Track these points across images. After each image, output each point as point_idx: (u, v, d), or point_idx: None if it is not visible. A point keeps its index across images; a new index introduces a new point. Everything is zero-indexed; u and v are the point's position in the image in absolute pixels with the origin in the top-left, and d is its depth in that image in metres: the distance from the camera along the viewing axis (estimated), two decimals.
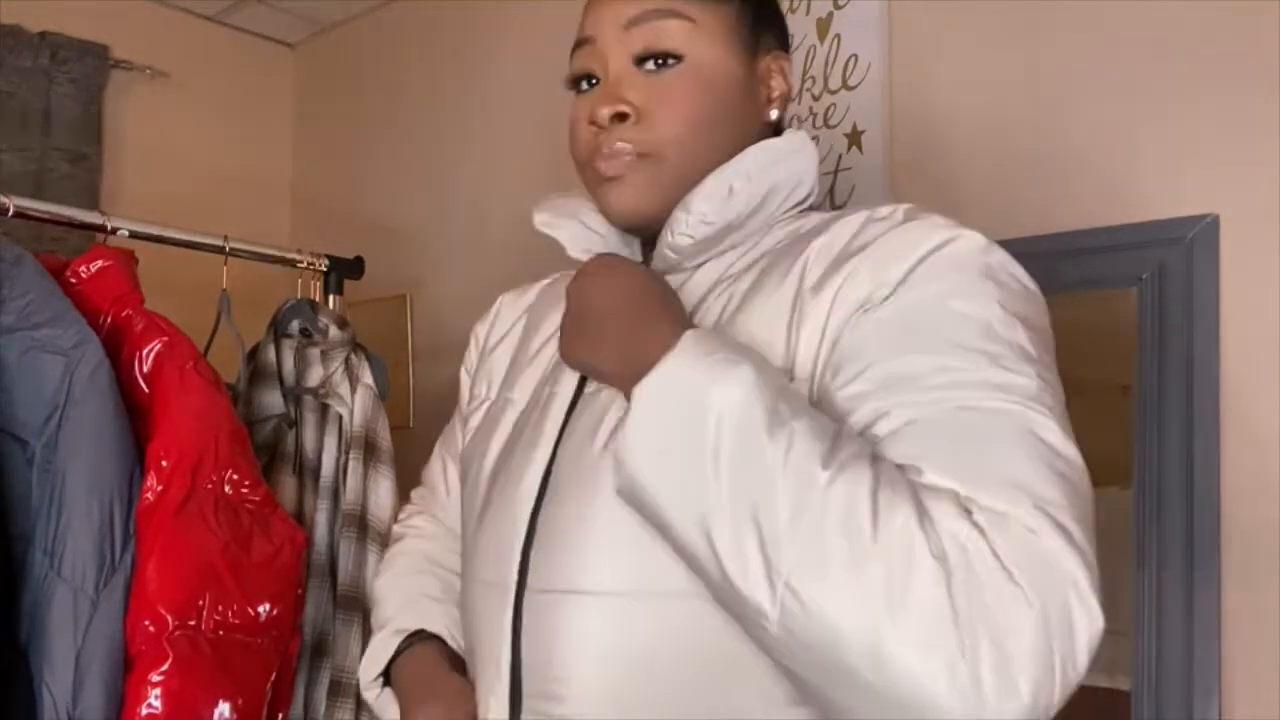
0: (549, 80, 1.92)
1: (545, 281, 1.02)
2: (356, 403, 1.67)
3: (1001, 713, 0.52)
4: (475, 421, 0.94)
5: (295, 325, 1.72)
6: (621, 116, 0.78)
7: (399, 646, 0.94)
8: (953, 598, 0.54)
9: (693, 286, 0.80)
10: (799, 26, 1.50)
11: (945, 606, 0.54)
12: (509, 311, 1.03)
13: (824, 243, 0.73)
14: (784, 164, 0.80)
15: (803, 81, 1.49)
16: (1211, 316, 1.13)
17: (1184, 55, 1.19)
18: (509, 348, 0.97)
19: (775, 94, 0.85)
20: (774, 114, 0.85)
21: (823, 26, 1.48)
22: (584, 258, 0.84)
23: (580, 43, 0.83)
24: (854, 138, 1.43)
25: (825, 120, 1.46)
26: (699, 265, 0.81)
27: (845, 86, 1.44)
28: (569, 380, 0.81)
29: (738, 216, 0.78)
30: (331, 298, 1.84)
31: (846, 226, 0.74)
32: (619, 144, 0.78)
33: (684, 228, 0.78)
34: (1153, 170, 1.20)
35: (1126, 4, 1.23)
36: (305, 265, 1.81)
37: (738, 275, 0.78)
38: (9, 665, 1.20)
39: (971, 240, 0.71)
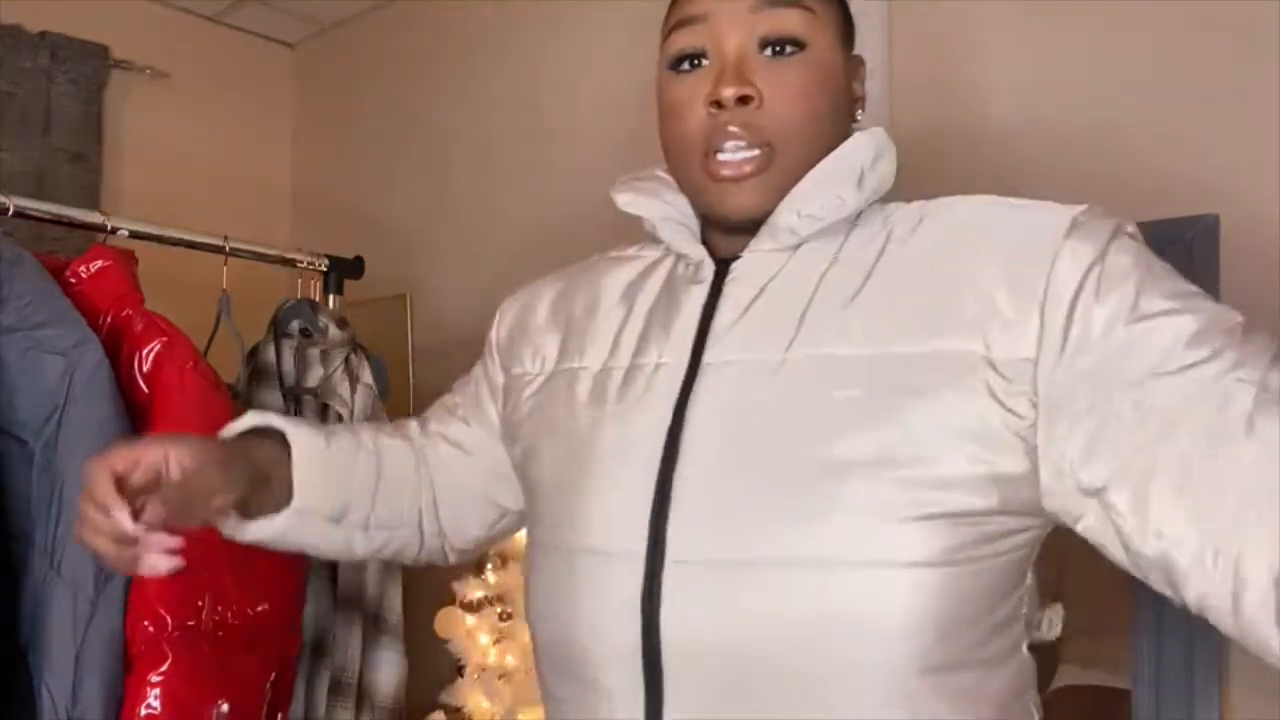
0: (549, 79, 1.93)
1: (569, 270, 0.98)
2: (356, 403, 1.67)
3: None
4: (530, 392, 0.90)
5: (295, 325, 1.72)
6: (746, 100, 0.75)
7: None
8: None
9: (795, 265, 0.78)
10: None
11: None
12: (532, 300, 0.98)
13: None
14: (881, 162, 0.79)
15: None
16: None
17: (1184, 55, 1.19)
18: (558, 324, 0.92)
19: (859, 95, 0.84)
20: (860, 115, 0.84)
21: None
22: (669, 239, 0.84)
23: (687, 20, 0.79)
24: None
25: None
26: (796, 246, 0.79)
27: None
28: (676, 350, 0.79)
29: (848, 215, 0.77)
30: (331, 298, 1.84)
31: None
32: (738, 130, 0.75)
33: (793, 221, 0.76)
34: (1153, 170, 1.20)
35: (1126, 4, 1.23)
36: (305, 265, 1.82)
37: (852, 256, 0.76)
38: (9, 665, 1.20)
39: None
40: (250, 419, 0.94)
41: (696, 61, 0.78)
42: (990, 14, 1.34)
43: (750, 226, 0.79)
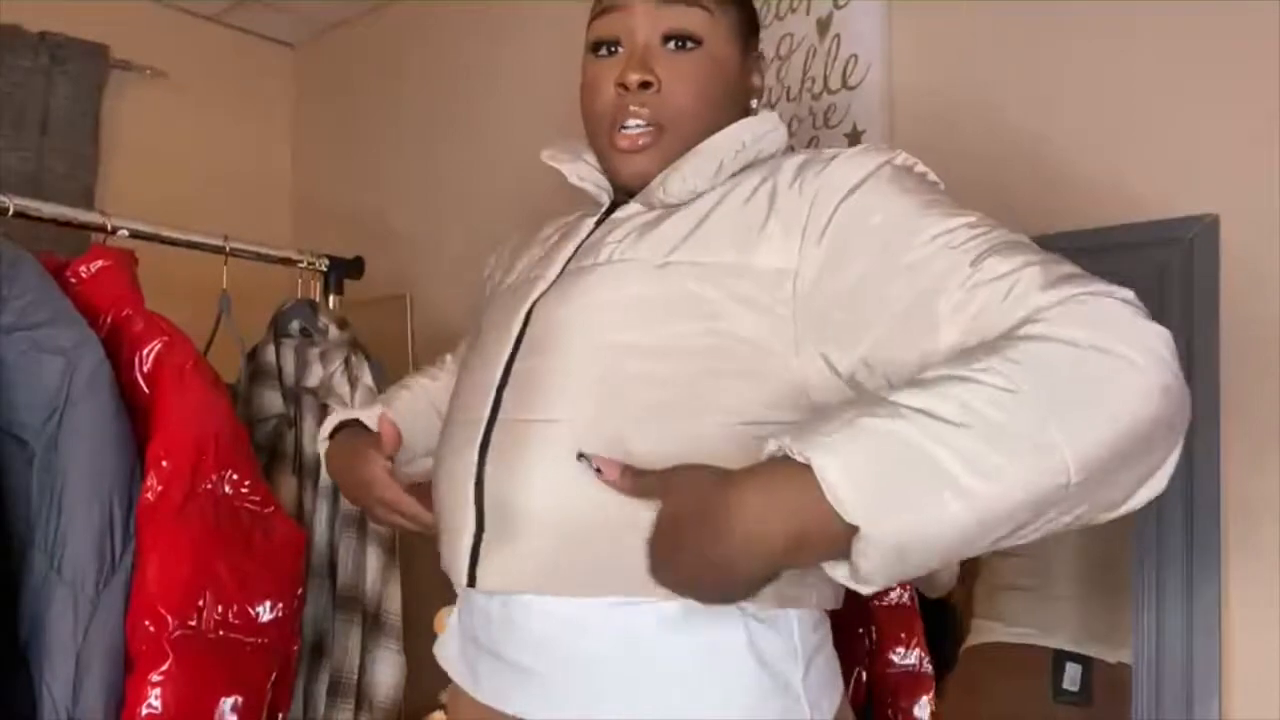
0: (548, 79, 1.93)
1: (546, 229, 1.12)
2: (356, 403, 1.67)
3: None
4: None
5: (295, 325, 1.73)
6: (646, 85, 0.89)
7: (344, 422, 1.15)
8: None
9: (647, 215, 0.92)
10: (799, 26, 1.50)
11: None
12: (503, 247, 1.17)
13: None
14: (763, 140, 0.92)
15: (803, 81, 1.49)
16: (1211, 316, 1.13)
17: (1184, 55, 1.19)
18: (504, 262, 1.11)
19: (757, 86, 0.99)
20: (754, 103, 0.98)
21: (823, 26, 1.47)
22: (578, 184, 1.01)
23: (608, 9, 0.94)
24: (854, 138, 1.42)
25: (825, 120, 1.46)
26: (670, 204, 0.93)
27: (845, 86, 1.44)
28: (554, 267, 0.94)
29: (717, 183, 0.90)
30: (331, 298, 1.84)
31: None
32: (639, 108, 0.90)
33: (675, 191, 0.89)
34: (1153, 170, 1.20)
35: (1127, 4, 1.23)
36: (305, 265, 1.82)
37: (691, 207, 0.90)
38: (9, 665, 1.20)
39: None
40: (340, 416, 1.18)
41: (612, 48, 0.93)
42: (989, 14, 1.34)
43: (644, 188, 0.93)
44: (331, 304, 1.83)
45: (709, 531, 0.68)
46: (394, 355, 1.98)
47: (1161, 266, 1.16)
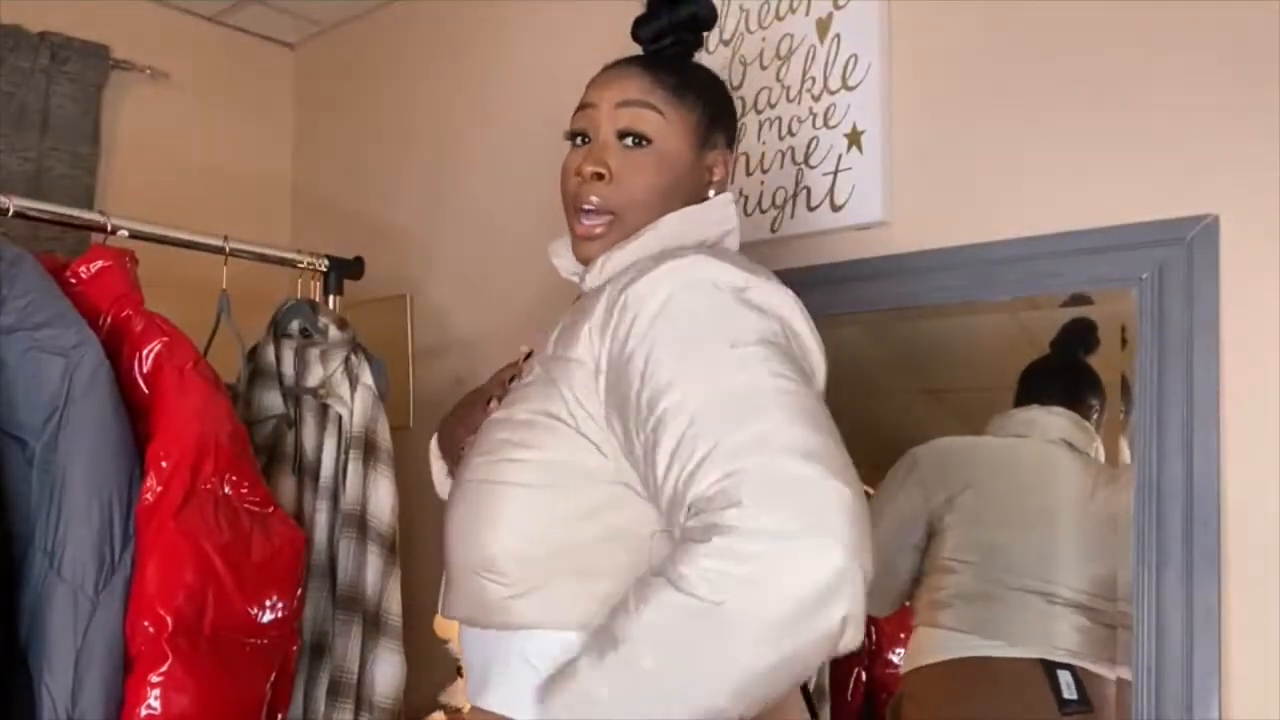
0: (549, 79, 1.93)
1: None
2: (356, 403, 1.67)
3: None
4: None
5: (295, 325, 1.72)
6: (600, 176, 1.02)
7: None
8: None
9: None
10: (799, 26, 1.50)
11: None
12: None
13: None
14: (679, 236, 1.00)
15: (803, 81, 1.49)
16: (1211, 316, 1.13)
17: (1184, 55, 1.19)
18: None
19: (715, 179, 1.08)
20: (711, 194, 1.08)
21: (823, 26, 1.47)
22: (570, 278, 1.10)
23: (582, 106, 1.06)
24: (854, 138, 1.42)
25: (825, 120, 1.46)
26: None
27: (845, 86, 1.44)
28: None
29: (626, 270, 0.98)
30: (331, 298, 1.84)
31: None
32: (594, 197, 1.01)
33: (589, 282, 1.02)
34: (1153, 170, 1.20)
35: (1127, 4, 1.23)
36: (305, 265, 1.82)
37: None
38: (9, 665, 1.20)
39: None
40: None
41: (583, 139, 1.05)
42: (988, 13, 1.34)
43: None
44: (331, 304, 1.83)
45: None
46: (394, 355, 1.98)
47: (1161, 266, 1.16)
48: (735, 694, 0.75)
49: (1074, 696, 1.22)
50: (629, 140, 1.02)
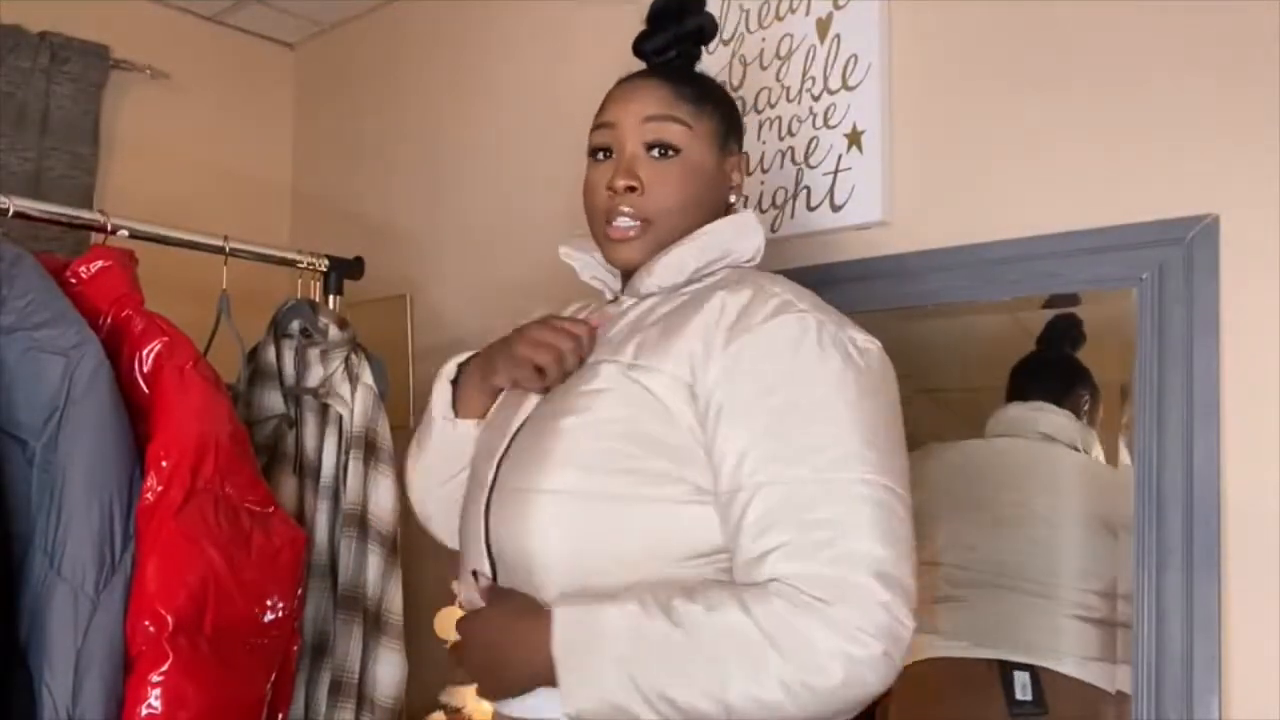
0: (548, 79, 1.93)
1: (571, 307, 1.21)
2: (356, 403, 1.67)
3: None
4: None
5: (295, 325, 1.72)
6: (632, 188, 1.04)
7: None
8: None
9: (640, 308, 1.06)
10: (799, 26, 1.50)
11: None
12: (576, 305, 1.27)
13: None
14: (732, 242, 1.06)
15: (803, 81, 1.49)
16: (1211, 316, 1.13)
17: (1184, 55, 1.19)
18: None
19: (735, 183, 1.12)
20: (733, 199, 1.12)
21: (823, 26, 1.47)
22: (590, 281, 1.16)
23: (603, 124, 1.08)
24: (854, 138, 1.43)
25: (825, 120, 1.46)
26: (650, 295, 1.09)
27: (845, 86, 1.44)
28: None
29: (684, 282, 1.05)
30: (331, 298, 1.84)
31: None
32: (626, 209, 1.04)
33: (646, 285, 1.06)
34: (1153, 170, 1.20)
35: (1127, 3, 1.23)
36: (305, 265, 1.82)
37: (669, 305, 1.04)
38: (9, 665, 1.20)
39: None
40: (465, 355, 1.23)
41: (606, 154, 1.08)
42: (988, 13, 1.34)
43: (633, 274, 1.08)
44: (331, 304, 1.83)
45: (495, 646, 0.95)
46: (394, 355, 1.98)
47: (1161, 266, 1.16)
48: (728, 708, 0.82)
49: (1027, 698, 1.23)
50: (656, 151, 1.05)
